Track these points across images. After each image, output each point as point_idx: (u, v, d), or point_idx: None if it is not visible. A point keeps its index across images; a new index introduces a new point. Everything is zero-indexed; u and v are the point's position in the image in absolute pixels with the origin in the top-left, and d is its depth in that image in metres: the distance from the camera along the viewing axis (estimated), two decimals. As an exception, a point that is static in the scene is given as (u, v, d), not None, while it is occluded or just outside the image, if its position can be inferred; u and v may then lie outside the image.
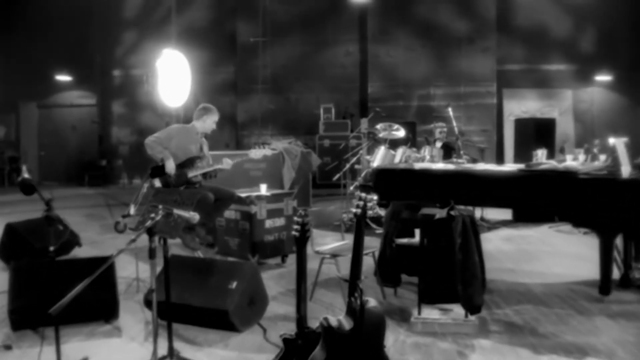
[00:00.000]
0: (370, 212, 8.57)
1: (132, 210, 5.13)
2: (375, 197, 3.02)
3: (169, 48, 9.39)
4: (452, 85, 15.32)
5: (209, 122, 6.24)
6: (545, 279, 5.91)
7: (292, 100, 15.77)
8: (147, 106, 15.35)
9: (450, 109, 8.79)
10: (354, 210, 3.13)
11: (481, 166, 5.95)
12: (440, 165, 5.85)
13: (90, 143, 16.94)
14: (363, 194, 3.08)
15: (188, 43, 12.57)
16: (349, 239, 6.32)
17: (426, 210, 4.48)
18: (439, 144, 8.83)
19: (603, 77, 15.02)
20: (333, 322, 2.92)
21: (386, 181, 5.85)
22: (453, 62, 15.29)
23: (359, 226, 3.09)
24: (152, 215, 3.10)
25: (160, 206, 3.12)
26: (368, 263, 5.42)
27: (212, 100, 6.31)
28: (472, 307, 4.24)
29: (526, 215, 9.28)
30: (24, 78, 16.03)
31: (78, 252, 6.97)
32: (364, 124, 15.22)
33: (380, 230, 8.31)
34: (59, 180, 16.83)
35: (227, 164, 6.07)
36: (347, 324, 2.96)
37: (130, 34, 16.61)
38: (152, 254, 3.17)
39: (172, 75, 9.03)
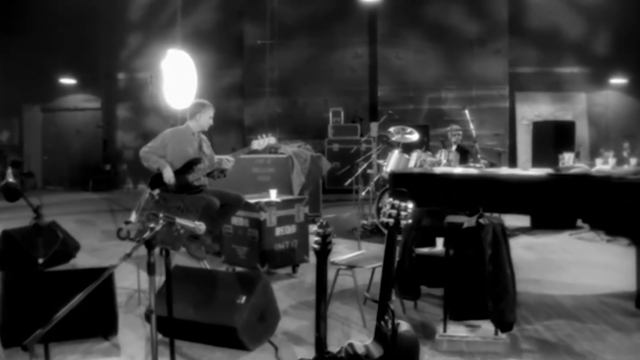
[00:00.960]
0: (385, 219, 8.21)
1: (133, 217, 4.77)
2: (409, 205, 2.61)
3: (174, 48, 9.07)
4: (463, 88, 14.94)
5: (203, 119, 5.83)
6: (573, 290, 5.54)
7: (300, 104, 15.42)
8: (152, 110, 15.09)
9: (467, 111, 8.44)
10: (385, 219, 2.78)
11: (505, 170, 5.59)
12: (461, 170, 5.49)
13: (94, 147, 16.65)
14: (396, 201, 2.73)
15: (194, 46, 12.29)
16: (365, 248, 5.98)
17: (451, 218, 4.11)
18: (454, 148, 8.47)
19: (618, 80, 14.65)
20: (359, 349, 2.56)
21: (403, 186, 5.48)
22: (464, 64, 14.91)
23: (391, 239, 2.74)
24: (152, 225, 2.74)
25: (161, 215, 2.77)
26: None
27: (218, 104, 5.96)
28: (504, 324, 3.88)
29: (545, 221, 8.92)
30: (28, 81, 15.76)
31: (77, 261, 6.65)
32: (373, 127, 15.00)
33: (394, 238, 7.98)
34: (62, 184, 16.64)
35: (227, 163, 5.69)
36: (376, 351, 2.59)
37: (135, 37, 16.28)
38: (151, 269, 2.80)
39: (177, 77, 8.72)
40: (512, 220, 8.72)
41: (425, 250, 4.88)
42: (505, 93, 14.93)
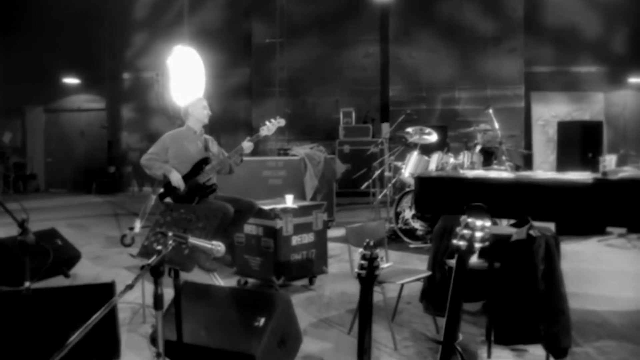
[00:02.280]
0: (402, 225, 7.79)
1: (137, 225, 4.33)
2: (487, 223, 2.14)
3: (181, 44, 8.63)
4: (477, 88, 14.54)
5: (197, 112, 5.50)
6: (617, 305, 5.08)
7: (310, 104, 15.00)
8: (158, 110, 14.71)
9: (491, 111, 7.99)
10: (457, 242, 2.33)
11: (542, 174, 5.13)
12: (496, 174, 5.04)
13: (98, 149, 16.27)
14: (470, 219, 2.27)
15: (201, 44, 11.83)
16: (392, 259, 5.46)
17: (496, 229, 3.66)
18: (477, 149, 8.02)
19: (636, 79, 14.21)
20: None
21: (431, 191, 5.04)
22: (478, 63, 14.51)
23: (461, 266, 2.28)
24: (159, 247, 2.29)
25: (171, 234, 2.32)
26: (411, 286, 4.64)
27: (225, 104, 5.60)
28: (558, 350, 3.43)
29: (571, 227, 8.46)
30: (30, 81, 15.50)
31: (77, 270, 6.21)
32: (385, 128, 14.57)
33: (414, 245, 7.54)
34: (65, 187, 16.24)
35: (247, 147, 5.30)
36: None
37: (140, 36, 15.91)
38: (157, 302, 2.35)
39: (184, 74, 8.29)
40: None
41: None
42: (521, 93, 14.54)
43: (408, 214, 7.75)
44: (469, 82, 14.54)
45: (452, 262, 4.46)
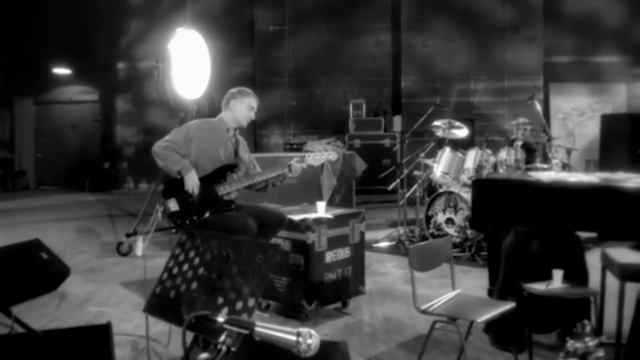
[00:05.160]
0: (434, 231, 6.94)
1: (139, 248, 3.44)
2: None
3: (183, 27, 7.71)
4: (494, 79, 13.97)
5: (239, 110, 4.53)
6: None
7: (317, 96, 14.33)
8: (155, 102, 14.10)
9: (536, 102, 7.14)
10: None
11: (623, 177, 4.25)
12: (576, 178, 4.16)
13: (91, 143, 15.52)
14: None
15: (201, 32, 11.10)
16: (460, 284, 4.41)
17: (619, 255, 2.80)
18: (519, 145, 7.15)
19: (660, 70, 13.61)
20: None
21: (495, 198, 4.17)
22: (496, 53, 13.94)
23: None
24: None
25: (221, 319, 1.38)
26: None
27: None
28: None
29: (614, 233, 7.63)
30: (19, 72, 15.00)
31: (67, 287, 5.31)
32: (396, 122, 13.82)
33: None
34: (57, 184, 15.55)
35: (296, 169, 4.43)
36: None
37: (136, 23, 15.20)
38: None
39: (187, 61, 7.38)
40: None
41: (540, 287, 3.56)
42: (540, 84, 13.92)
43: (441, 218, 6.91)
44: (485, 73, 14.01)
45: (532, 286, 3.64)
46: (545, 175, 4.28)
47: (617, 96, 14.11)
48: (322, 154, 4.57)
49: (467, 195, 6.73)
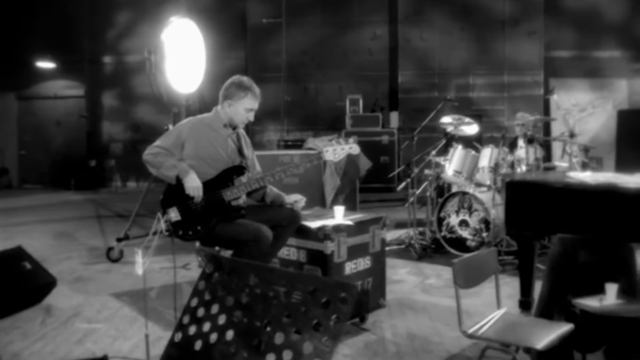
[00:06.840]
0: (446, 233, 6.52)
1: (139, 269, 2.95)
2: None
3: (178, 16, 7.21)
4: (494, 73, 13.79)
5: (234, 110, 4.01)
6: None
7: (312, 91, 14.00)
8: (144, 98, 13.66)
9: (555, 96, 6.74)
10: None
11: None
12: (622, 180, 3.74)
13: (77, 140, 15.08)
14: None
15: (191, 24, 10.79)
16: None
17: None
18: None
19: (662, 65, 13.59)
20: None
21: (531, 202, 3.73)
22: (495, 47, 13.76)
23: None
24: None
25: None
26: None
27: (218, 91, 4.10)
28: None
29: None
30: (1, 65, 14.49)
31: (54, 298, 4.83)
32: (394, 118, 13.47)
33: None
34: (41, 183, 15.09)
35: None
36: None
37: (124, 15, 14.78)
38: None
39: (182, 52, 6.89)
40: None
41: (594, 303, 3.14)
42: (540, 79, 13.78)
43: (454, 220, 6.49)
44: (485, 67, 13.84)
45: (585, 303, 3.21)
46: (589, 176, 3.85)
47: (618, 91, 14.00)
48: (342, 147, 4.10)
49: (482, 195, 6.34)
